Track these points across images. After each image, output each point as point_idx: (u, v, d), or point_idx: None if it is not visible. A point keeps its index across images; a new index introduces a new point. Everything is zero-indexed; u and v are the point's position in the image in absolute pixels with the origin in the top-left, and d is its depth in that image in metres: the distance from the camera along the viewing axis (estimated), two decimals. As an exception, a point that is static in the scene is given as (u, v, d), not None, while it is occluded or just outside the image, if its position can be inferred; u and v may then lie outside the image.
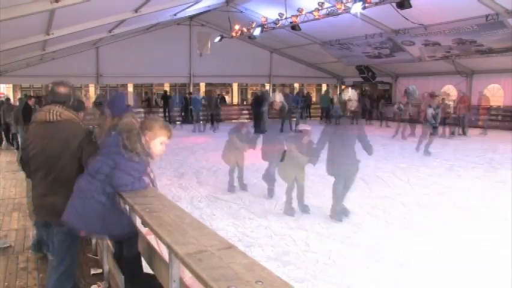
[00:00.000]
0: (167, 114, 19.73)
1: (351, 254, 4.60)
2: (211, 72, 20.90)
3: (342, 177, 5.68)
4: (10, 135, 13.51)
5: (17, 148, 10.38)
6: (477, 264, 4.32)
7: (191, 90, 20.89)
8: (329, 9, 12.99)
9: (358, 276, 4.12)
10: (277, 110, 7.61)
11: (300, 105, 19.21)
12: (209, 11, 17.09)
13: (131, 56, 19.16)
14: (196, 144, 13.14)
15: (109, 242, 3.35)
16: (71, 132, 2.81)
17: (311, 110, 22.13)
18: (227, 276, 1.44)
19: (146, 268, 2.71)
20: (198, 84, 23.27)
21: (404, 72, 20.56)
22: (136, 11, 9.92)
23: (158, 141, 2.64)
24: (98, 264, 4.07)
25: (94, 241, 4.42)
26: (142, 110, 18.10)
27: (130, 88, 24.30)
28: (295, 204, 6.06)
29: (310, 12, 13.41)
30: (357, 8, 11.54)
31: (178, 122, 19.25)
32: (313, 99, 25.33)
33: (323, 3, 12.94)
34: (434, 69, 18.17)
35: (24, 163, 3.07)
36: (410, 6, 10.96)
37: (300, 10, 13.73)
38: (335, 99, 19.66)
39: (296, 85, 26.76)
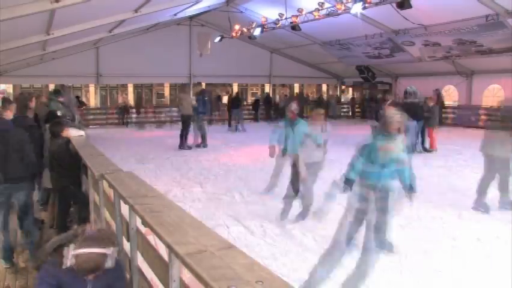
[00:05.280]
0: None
1: (351, 255, 4.59)
2: (211, 72, 20.87)
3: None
4: None
5: None
6: (477, 265, 4.32)
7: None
8: (329, 10, 12.98)
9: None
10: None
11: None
12: (209, 11, 17.08)
13: (131, 56, 19.14)
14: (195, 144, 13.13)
15: None
16: None
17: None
18: (227, 276, 1.44)
19: (146, 268, 2.71)
20: (199, 84, 23.27)
21: (404, 73, 20.56)
22: (136, 11, 9.92)
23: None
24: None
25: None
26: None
27: (130, 88, 24.27)
28: None
29: (310, 13, 13.40)
30: (357, 8, 11.54)
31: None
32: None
33: (323, 3, 12.94)
34: (434, 70, 18.17)
35: None
36: (410, 7, 10.95)
37: (300, 10, 13.72)
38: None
39: (296, 85, 26.75)
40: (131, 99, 23.53)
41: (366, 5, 11.40)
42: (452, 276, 4.09)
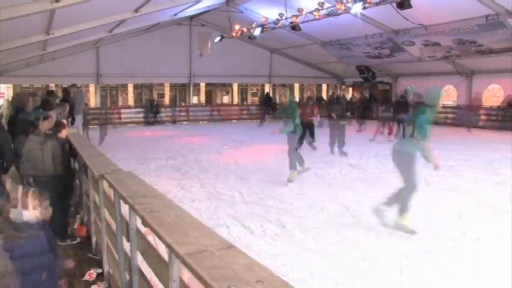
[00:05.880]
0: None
1: (351, 255, 4.60)
2: (211, 72, 20.91)
3: None
4: None
5: None
6: (477, 265, 4.32)
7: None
8: (329, 10, 12.99)
9: (358, 276, 4.12)
10: None
11: None
12: (209, 11, 17.09)
13: (131, 56, 19.15)
14: (195, 144, 13.15)
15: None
16: None
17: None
18: (227, 276, 1.44)
19: (146, 268, 2.71)
20: (198, 84, 23.29)
21: (404, 73, 20.56)
22: (136, 11, 9.93)
23: None
24: (98, 264, 4.07)
25: (94, 241, 4.42)
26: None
27: (130, 88, 24.28)
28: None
29: (311, 13, 13.41)
30: (357, 8, 11.54)
31: None
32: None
33: (323, 3, 12.94)
34: (434, 70, 18.17)
35: None
36: (410, 7, 10.95)
37: (300, 10, 13.72)
38: None
39: (296, 85, 26.76)
40: (130, 97, 23.44)
41: (366, 5, 11.40)
42: (452, 276, 4.09)
